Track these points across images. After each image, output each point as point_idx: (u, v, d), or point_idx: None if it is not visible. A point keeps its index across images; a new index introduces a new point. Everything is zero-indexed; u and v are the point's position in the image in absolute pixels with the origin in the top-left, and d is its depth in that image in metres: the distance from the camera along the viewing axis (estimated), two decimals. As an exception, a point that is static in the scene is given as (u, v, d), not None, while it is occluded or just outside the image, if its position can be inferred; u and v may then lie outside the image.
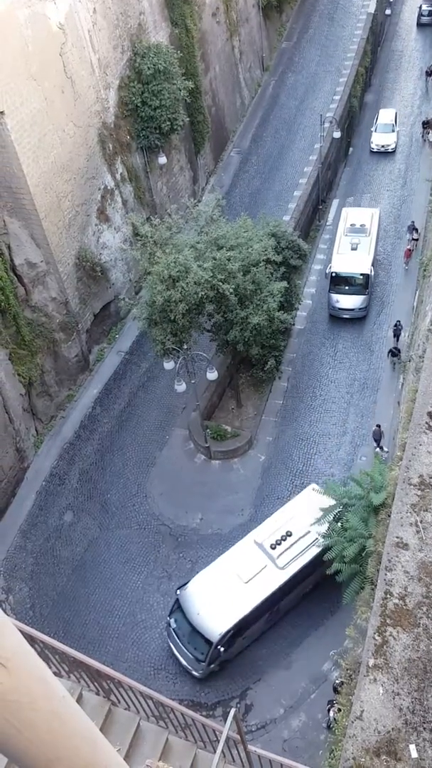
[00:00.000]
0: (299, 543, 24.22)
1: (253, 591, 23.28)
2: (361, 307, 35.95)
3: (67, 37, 29.09)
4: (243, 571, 23.68)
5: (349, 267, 36.04)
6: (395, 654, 11.10)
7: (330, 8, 60.16)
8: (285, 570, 23.80)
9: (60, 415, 33.32)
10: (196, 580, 24.35)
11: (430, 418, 14.87)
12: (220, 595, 23.43)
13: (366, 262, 36.11)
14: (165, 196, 40.22)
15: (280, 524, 24.84)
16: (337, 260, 36.67)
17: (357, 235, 37.44)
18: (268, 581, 23.49)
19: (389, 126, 48.81)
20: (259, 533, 24.94)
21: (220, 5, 45.02)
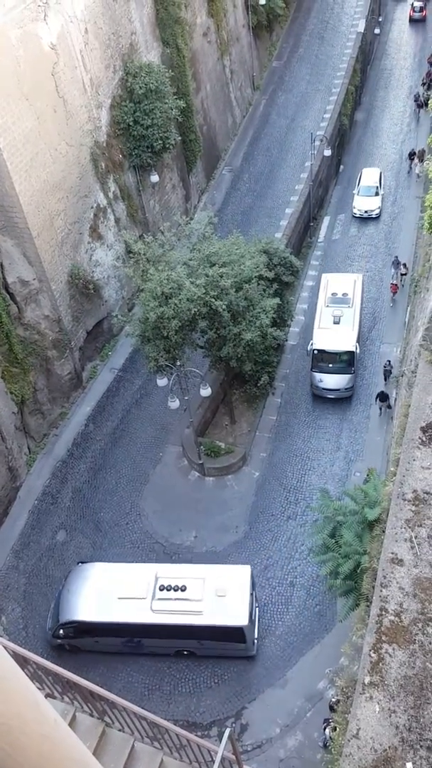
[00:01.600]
0: (182, 603, 23.60)
1: (116, 609, 23.88)
2: (346, 386, 33.09)
3: (59, 57, 29.36)
4: (123, 587, 24.17)
5: (333, 343, 32.88)
6: (391, 671, 11.03)
7: (320, 28, 61.05)
8: (154, 614, 23.55)
9: (53, 433, 33.20)
10: (93, 566, 25.95)
11: (423, 433, 14.90)
12: (93, 589, 24.78)
13: (350, 338, 33.04)
14: (157, 213, 40.45)
15: (188, 575, 24.47)
16: (319, 336, 33.37)
17: (339, 306, 34.28)
18: (133, 612, 23.66)
19: (372, 188, 45.00)
20: (166, 569, 25.01)
21: (211, 25, 45.61)
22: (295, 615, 26.07)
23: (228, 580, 24.12)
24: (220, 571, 24.77)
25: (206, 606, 23.44)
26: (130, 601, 23.83)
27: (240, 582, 24.06)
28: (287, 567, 27.54)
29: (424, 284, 26.83)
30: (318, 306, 35.05)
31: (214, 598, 23.56)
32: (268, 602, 26.52)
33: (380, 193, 45.23)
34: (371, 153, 51.49)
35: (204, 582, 23.95)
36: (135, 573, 24.98)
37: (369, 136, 53.45)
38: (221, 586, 23.86)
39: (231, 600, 23.61)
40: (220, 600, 23.52)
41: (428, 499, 13.76)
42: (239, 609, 23.45)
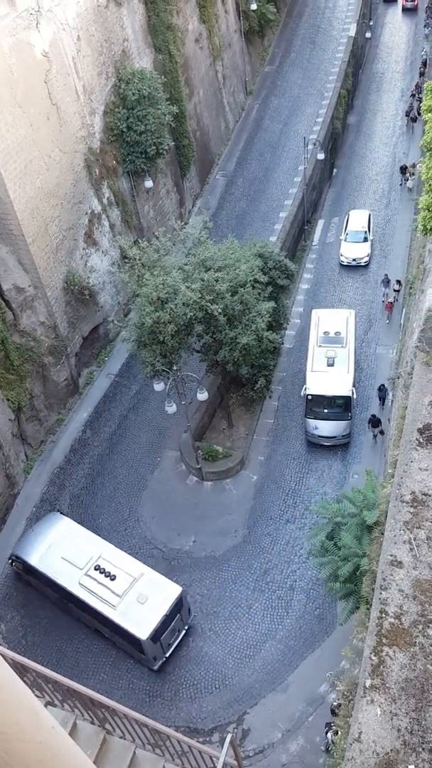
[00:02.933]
0: (104, 590, 24.22)
1: (54, 566, 25.43)
2: (343, 434, 31.10)
3: (52, 65, 29.41)
4: (70, 551, 25.53)
5: (328, 388, 30.94)
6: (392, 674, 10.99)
7: (311, 32, 61.27)
8: (79, 587, 24.54)
9: (50, 439, 33.15)
10: (62, 520, 27.29)
11: (420, 435, 14.89)
12: (49, 539, 26.37)
13: (346, 381, 31.14)
14: (152, 219, 40.48)
15: (126, 569, 24.88)
16: (313, 379, 31.42)
17: (332, 346, 32.40)
18: (65, 577, 25.01)
19: (361, 234, 41.80)
20: (112, 554, 25.44)
21: (203, 31, 45.73)
22: (295, 619, 26.01)
23: (155, 591, 24.17)
24: (155, 579, 24.68)
25: (122, 604, 23.86)
26: (68, 565, 25.12)
27: (164, 598, 24.05)
28: (287, 570, 27.49)
29: (418, 286, 26.86)
30: (310, 345, 33.20)
31: (132, 600, 23.88)
32: (268, 606, 26.47)
33: (369, 238, 41.90)
34: (364, 156, 51.61)
35: (134, 581, 24.33)
36: (87, 543, 25.91)
37: (362, 139, 53.59)
38: (146, 593, 24.04)
39: (146, 610, 23.73)
40: (137, 604, 23.80)
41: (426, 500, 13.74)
42: (147, 622, 23.53)
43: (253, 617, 26.29)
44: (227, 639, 25.79)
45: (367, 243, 41.67)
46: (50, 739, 3.57)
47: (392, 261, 40.98)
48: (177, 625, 24.76)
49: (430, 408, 15.51)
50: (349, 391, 30.86)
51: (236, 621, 26.28)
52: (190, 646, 25.69)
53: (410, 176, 44.74)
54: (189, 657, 25.40)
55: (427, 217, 17.22)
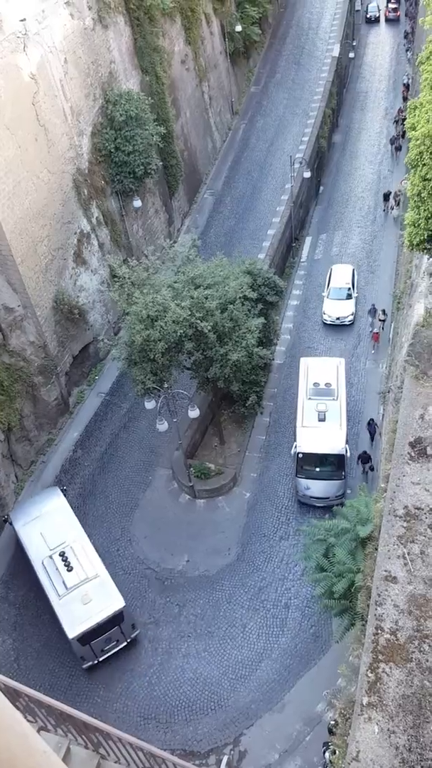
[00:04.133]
0: (56, 576, 25.06)
1: (32, 536, 26.64)
2: (337, 494, 29.18)
3: (39, 87, 29.62)
4: (50, 529, 26.70)
5: (319, 445, 29.03)
6: (389, 691, 10.89)
7: (295, 53, 62.15)
8: (41, 566, 25.59)
9: (40, 459, 32.93)
10: (59, 498, 28.26)
11: (411, 448, 14.90)
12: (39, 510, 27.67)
13: (339, 438, 29.14)
14: (141, 238, 40.64)
15: (87, 564, 25.36)
16: (304, 436, 29.50)
17: (323, 398, 30.54)
18: (34, 551, 26.24)
19: (344, 291, 39.45)
20: (81, 544, 26.10)
21: (189, 53, 46.29)
22: (290, 637, 25.78)
23: (100, 597, 24.45)
24: (106, 586, 24.89)
25: (67, 596, 24.43)
26: (41, 542, 26.22)
27: (104, 606, 24.26)
28: (281, 588, 27.29)
29: (406, 301, 27.05)
30: (299, 398, 31.28)
31: (78, 597, 24.39)
32: (263, 625, 26.23)
33: (353, 295, 39.41)
34: (349, 173, 52.19)
35: (86, 580, 24.78)
36: (66, 527, 26.72)
37: (347, 157, 54.25)
38: (91, 595, 24.43)
39: (84, 611, 24.10)
40: (79, 603, 24.25)
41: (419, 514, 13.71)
42: (80, 623, 23.92)
43: (248, 636, 26.04)
44: (222, 659, 25.51)
45: (351, 300, 39.10)
46: (42, 763, 3.49)
47: (380, 276, 41.29)
48: (115, 635, 24.93)
49: (420, 422, 15.54)
50: (342, 448, 28.83)
51: (231, 641, 26.02)
52: (184, 668, 25.40)
53: (395, 205, 44.35)
54: (184, 679, 25.10)
55: (413, 233, 17.36)
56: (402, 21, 70.66)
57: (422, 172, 16.27)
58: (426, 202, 16.53)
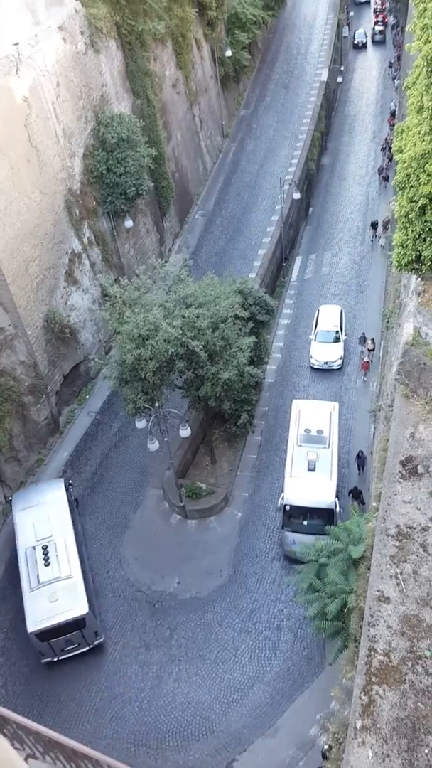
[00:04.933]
0: (33, 572, 25.65)
1: (23, 527, 27.45)
2: None
3: (32, 109, 29.85)
4: (38, 523, 27.22)
5: (308, 497, 27.47)
6: (382, 713, 10.75)
7: (284, 78, 63.05)
8: (24, 557, 26.31)
9: (30, 480, 32.63)
10: (59, 490, 28.93)
11: (402, 467, 14.89)
12: (37, 500, 28.48)
13: (329, 490, 27.48)
14: (132, 257, 40.79)
15: (65, 563, 25.86)
16: (292, 487, 28.02)
17: (314, 446, 29.17)
18: (22, 540, 26.96)
19: (332, 333, 37.97)
20: (63, 543, 26.52)
21: (180, 76, 46.86)
22: (283, 660, 25.49)
23: (67, 599, 24.83)
24: (75, 590, 25.14)
25: (37, 591, 25.05)
26: (31, 531, 27.00)
27: (67, 609, 24.61)
28: (273, 610, 27.05)
29: (395, 320, 27.21)
30: (289, 445, 29.88)
31: (46, 593, 24.88)
32: (255, 648, 25.94)
33: (342, 338, 37.99)
34: (338, 195, 52.79)
35: (58, 579, 25.26)
36: (56, 521, 27.30)
37: (336, 179, 54.90)
38: (59, 595, 24.85)
39: (48, 609, 24.51)
40: (46, 600, 24.73)
41: (411, 533, 13.66)
42: (42, 620, 24.34)
43: (239, 660, 25.73)
44: (214, 683, 25.17)
45: (339, 344, 37.65)
46: (28, 793, 3.38)
47: (369, 296, 41.58)
48: (76, 639, 25.25)
49: (411, 440, 15.55)
50: (331, 502, 27.24)
51: (223, 664, 25.70)
52: (175, 692, 25.04)
53: (383, 234, 44.07)
54: (175, 703, 24.73)
55: (401, 254, 17.51)
56: (388, 42, 72.34)
57: (410, 194, 16.45)
58: (414, 224, 16.69)
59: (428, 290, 17.73)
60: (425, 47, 15.15)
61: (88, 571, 27.74)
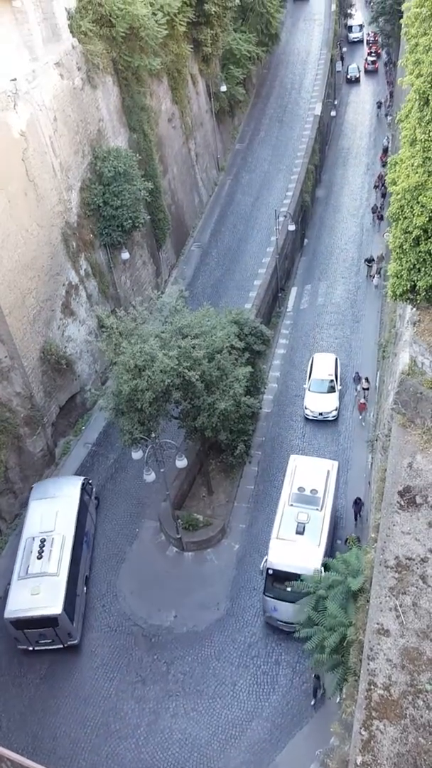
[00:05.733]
0: (23, 560, 27.05)
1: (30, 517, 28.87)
2: None
3: (29, 144, 30.30)
4: (47, 515, 28.43)
5: (293, 562, 25.70)
6: (383, 749, 10.54)
7: (279, 112, 64.25)
8: (22, 544, 27.76)
9: (25, 513, 32.32)
10: (74, 486, 30.14)
11: (401, 497, 14.82)
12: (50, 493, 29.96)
13: (314, 557, 25.74)
14: (129, 289, 41.06)
15: (48, 561, 26.82)
16: (276, 550, 26.41)
17: (306, 507, 27.59)
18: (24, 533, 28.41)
19: (326, 383, 36.53)
20: (51, 542, 27.36)
21: (176, 111, 47.73)
22: (281, 695, 25.06)
23: (47, 595, 25.92)
24: (57, 588, 26.14)
25: (23, 581, 26.36)
26: (38, 522, 28.28)
27: (44, 605, 25.66)
28: (271, 644, 26.65)
29: (391, 350, 27.34)
30: (280, 502, 28.40)
31: (30, 585, 26.13)
32: (253, 683, 25.51)
33: (337, 388, 36.57)
34: (333, 227, 53.46)
35: (44, 575, 26.32)
36: (62, 518, 28.33)
37: (330, 211, 55.65)
38: (41, 589, 25.96)
39: (28, 601, 25.74)
40: (29, 591, 25.97)
41: (411, 565, 13.54)
42: (19, 610, 25.67)
43: (237, 695, 25.28)
44: (211, 719, 24.68)
45: (334, 394, 36.22)
46: None
47: (365, 326, 41.82)
48: (50, 635, 26.13)
49: (409, 470, 15.51)
50: (317, 568, 25.22)
51: (220, 699, 25.23)
52: (172, 728, 24.53)
53: (376, 274, 43.88)
54: (172, 740, 24.21)
55: (396, 284, 17.67)
56: (380, 73, 74.25)
57: (403, 225, 16.66)
58: (408, 254, 16.88)
59: (423, 320, 17.85)
60: (417, 81, 15.49)
61: (82, 573, 28.62)
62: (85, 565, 29.33)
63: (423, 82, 15.30)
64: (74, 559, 27.57)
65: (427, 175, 15.76)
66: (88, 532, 30.21)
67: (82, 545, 28.84)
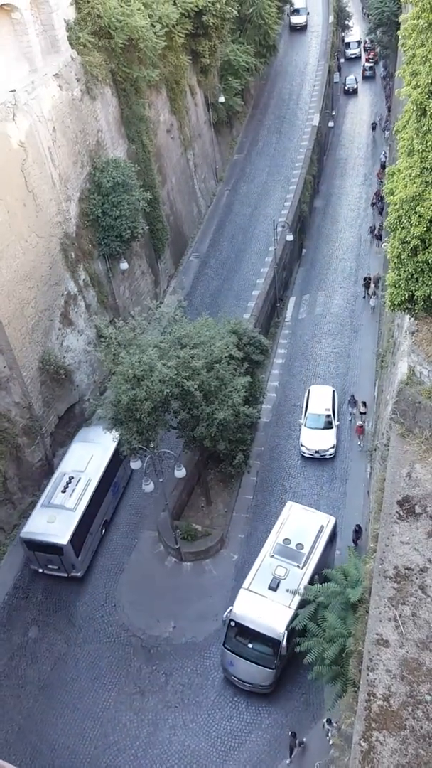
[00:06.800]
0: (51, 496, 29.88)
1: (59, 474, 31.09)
2: (263, 683, 24.81)
3: (28, 154, 30.44)
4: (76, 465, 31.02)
5: (257, 619, 24.42)
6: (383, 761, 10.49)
7: (277, 123, 64.62)
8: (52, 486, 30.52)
9: (23, 523, 32.22)
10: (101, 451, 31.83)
11: (400, 507, 14.81)
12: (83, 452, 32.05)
13: (281, 619, 24.12)
14: (128, 299, 41.14)
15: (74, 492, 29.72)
16: (243, 601, 25.00)
17: (286, 561, 25.81)
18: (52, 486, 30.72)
19: (322, 418, 34.81)
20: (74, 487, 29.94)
21: (174, 122, 47.98)
22: (281, 706, 24.92)
23: (59, 525, 28.44)
24: (70, 522, 28.58)
25: (47, 508, 29.25)
26: (72, 461, 31.24)
27: (54, 534, 28.23)
28: (271, 654, 26.50)
29: (389, 359, 27.39)
30: (262, 551, 26.69)
31: (49, 512, 28.94)
32: (252, 694, 25.36)
33: (335, 423, 34.76)
34: (331, 237, 53.62)
35: (64, 509, 28.87)
36: (96, 464, 30.88)
37: (328, 221, 55.84)
38: (56, 520, 28.57)
39: (43, 526, 28.56)
40: (47, 517, 28.82)
41: (410, 575, 13.52)
42: (33, 531, 28.80)
43: (237, 706, 25.14)
44: (211, 730, 24.54)
45: (331, 431, 34.41)
46: None
47: (363, 335, 41.90)
48: (56, 562, 28.90)
49: (408, 480, 15.51)
50: (280, 634, 23.97)
51: (220, 710, 25.10)
52: (171, 740, 24.38)
53: (373, 295, 43.35)
54: (171, 751, 24.07)
55: (394, 294, 17.73)
56: (378, 82, 75.30)
57: (401, 235, 16.74)
58: (406, 264, 16.95)
59: (422, 329, 17.90)
60: (414, 92, 15.60)
61: (101, 516, 30.93)
62: (107, 510, 31.67)
63: (420, 92, 15.41)
64: (94, 501, 29.90)
65: (424, 186, 15.85)
66: (117, 482, 32.49)
67: (107, 492, 31.24)
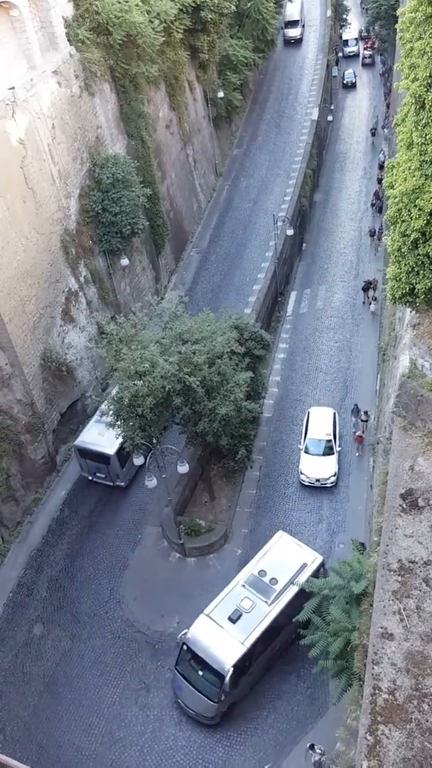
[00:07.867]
0: None
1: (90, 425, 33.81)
2: (205, 714, 23.86)
3: (28, 151, 30.39)
4: None
5: (208, 647, 23.59)
6: (389, 754, 10.50)
7: (276, 117, 64.44)
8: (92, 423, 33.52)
9: (27, 520, 32.34)
10: None
11: (403, 500, 14.80)
12: None
13: (231, 655, 23.11)
14: (129, 295, 41.11)
15: None
16: (199, 626, 24.11)
17: (255, 595, 24.54)
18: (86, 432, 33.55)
19: (323, 444, 32.98)
20: None
21: (174, 118, 47.87)
22: (286, 701, 24.95)
23: (107, 439, 31.29)
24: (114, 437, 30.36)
25: (99, 423, 31.46)
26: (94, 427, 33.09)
27: (102, 445, 31.61)
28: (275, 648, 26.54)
29: (391, 353, 27.34)
30: (236, 578, 25.69)
31: (101, 427, 31.00)
32: (257, 689, 25.39)
33: (336, 449, 32.87)
34: (331, 231, 53.49)
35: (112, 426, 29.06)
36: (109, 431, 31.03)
37: (328, 215, 55.70)
38: (105, 434, 31.01)
39: (95, 437, 32.06)
40: (98, 430, 31.86)
41: (414, 568, 13.51)
42: (86, 440, 32.53)
43: (242, 701, 25.17)
44: (216, 725, 24.56)
45: (332, 457, 32.47)
46: None
47: (364, 329, 41.85)
48: (103, 471, 32.52)
49: (411, 473, 15.49)
50: (227, 670, 22.92)
51: (225, 705, 25.11)
52: (177, 735, 24.43)
53: (373, 300, 42.84)
54: (177, 746, 24.11)
55: (395, 287, 17.67)
56: (376, 74, 75.36)
57: (401, 229, 16.67)
58: (406, 257, 16.88)
59: (423, 322, 17.85)
60: (413, 85, 15.53)
61: None
62: None
63: (419, 85, 15.33)
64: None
65: (424, 179, 15.79)
66: None
67: None
